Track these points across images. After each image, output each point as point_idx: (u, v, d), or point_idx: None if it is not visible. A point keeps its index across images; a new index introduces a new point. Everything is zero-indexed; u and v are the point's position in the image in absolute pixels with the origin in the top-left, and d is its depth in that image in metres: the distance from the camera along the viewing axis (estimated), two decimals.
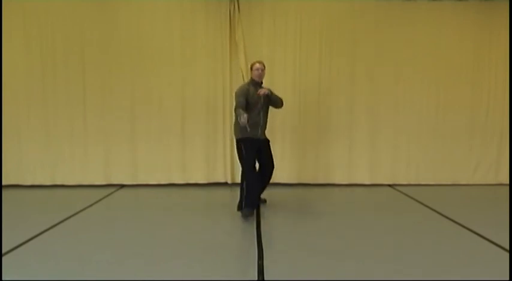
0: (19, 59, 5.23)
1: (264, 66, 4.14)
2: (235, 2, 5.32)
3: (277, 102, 4.26)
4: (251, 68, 4.15)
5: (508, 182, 5.66)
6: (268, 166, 4.26)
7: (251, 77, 4.14)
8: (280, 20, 5.41)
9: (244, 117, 3.70)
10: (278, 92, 5.27)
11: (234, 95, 4.11)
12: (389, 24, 5.48)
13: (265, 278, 2.55)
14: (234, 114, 4.11)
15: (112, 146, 5.41)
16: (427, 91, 5.60)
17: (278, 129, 5.43)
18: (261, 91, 3.93)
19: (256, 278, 2.55)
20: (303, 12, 5.41)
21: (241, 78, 5.30)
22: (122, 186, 5.48)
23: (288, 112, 5.47)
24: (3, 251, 2.99)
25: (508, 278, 2.57)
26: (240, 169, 4.10)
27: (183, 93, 5.42)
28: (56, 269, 2.70)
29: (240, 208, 4.00)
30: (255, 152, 4.05)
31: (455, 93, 5.62)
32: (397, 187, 5.52)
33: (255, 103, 4.02)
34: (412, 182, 5.65)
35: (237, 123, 4.03)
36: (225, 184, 5.53)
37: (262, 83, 4.17)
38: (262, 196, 4.46)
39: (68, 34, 5.26)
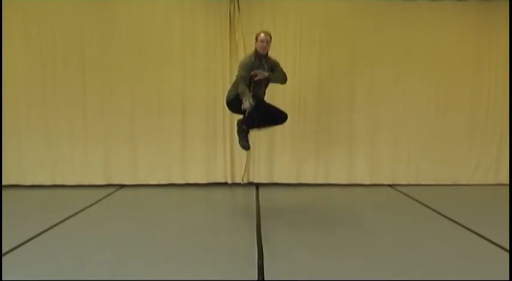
0: (19, 59, 5.23)
1: (270, 38, 3.91)
2: (235, 2, 5.32)
3: (280, 80, 4.10)
4: (256, 39, 3.91)
5: (508, 182, 5.65)
6: (279, 114, 4.06)
7: (255, 48, 3.93)
8: (280, 20, 5.40)
9: (248, 103, 3.56)
10: (278, 93, 5.31)
11: (238, 65, 3.96)
12: (389, 24, 5.48)
13: (265, 278, 2.55)
14: (234, 81, 3.99)
15: (112, 146, 5.40)
16: (427, 91, 5.60)
17: (278, 128, 5.40)
18: (257, 74, 3.73)
19: (256, 278, 2.55)
20: (303, 12, 5.40)
21: None
22: (122, 186, 5.47)
23: (288, 112, 5.43)
24: (3, 251, 2.99)
25: (508, 278, 2.57)
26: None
27: (183, 93, 5.41)
28: (56, 269, 2.70)
29: (242, 123, 3.86)
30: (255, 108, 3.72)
31: (455, 93, 5.61)
32: (397, 187, 5.51)
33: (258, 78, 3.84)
34: (412, 182, 5.64)
35: (233, 89, 3.93)
36: (225, 184, 5.53)
37: (267, 54, 3.97)
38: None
39: (68, 34, 5.25)
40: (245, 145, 3.93)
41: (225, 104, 4.12)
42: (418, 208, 4.48)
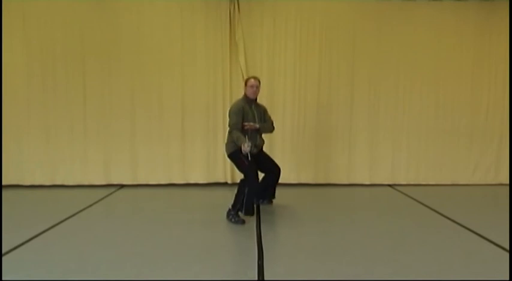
0: (19, 59, 5.23)
1: (259, 83, 3.98)
2: (235, 2, 5.32)
3: (269, 131, 4.16)
4: (245, 84, 3.97)
5: (508, 182, 5.66)
6: (273, 169, 4.21)
7: (245, 93, 3.97)
8: (280, 20, 5.41)
9: (247, 146, 3.61)
10: (278, 93, 5.33)
11: (228, 113, 3.92)
12: (390, 24, 5.48)
13: (265, 278, 2.55)
14: (227, 133, 3.95)
15: (112, 146, 5.41)
16: (427, 91, 5.61)
17: (278, 129, 5.40)
18: (244, 149, 3.68)
19: (256, 278, 2.55)
20: (303, 12, 5.41)
21: (241, 78, 5.30)
22: (122, 186, 5.48)
23: (288, 112, 5.49)
24: (3, 251, 2.99)
25: (508, 278, 2.58)
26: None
27: (183, 93, 5.42)
28: (56, 269, 2.70)
29: (232, 210, 3.84)
30: (255, 159, 3.87)
31: (455, 93, 5.63)
32: (397, 187, 5.52)
33: (250, 120, 3.88)
34: (412, 182, 5.65)
35: (230, 141, 3.89)
36: (225, 184, 5.53)
37: (256, 99, 4.04)
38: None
39: (68, 34, 5.25)
40: (240, 221, 3.82)
41: (227, 158, 4.06)
42: (418, 208, 4.48)
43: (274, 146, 5.45)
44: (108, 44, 5.30)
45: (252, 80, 3.94)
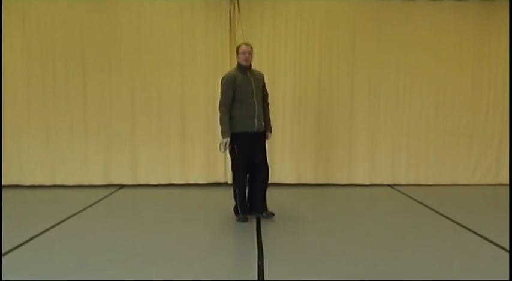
0: (19, 59, 5.22)
1: (252, 49, 3.79)
2: (235, 2, 5.32)
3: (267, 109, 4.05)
4: (237, 51, 3.76)
5: (508, 182, 5.65)
6: (261, 168, 3.87)
7: (237, 62, 3.79)
8: (280, 20, 5.40)
9: (223, 147, 3.66)
10: (278, 92, 5.32)
11: (219, 82, 3.84)
12: (390, 24, 5.48)
13: (265, 278, 2.55)
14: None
15: (112, 146, 5.40)
16: (427, 91, 5.60)
17: (278, 129, 5.40)
18: (220, 149, 3.76)
19: (256, 278, 2.55)
20: (303, 12, 5.40)
21: None
22: (122, 186, 5.47)
23: (288, 112, 5.48)
24: (3, 251, 2.99)
25: (508, 278, 2.58)
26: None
27: (183, 93, 5.41)
28: (56, 269, 2.70)
29: (236, 211, 3.92)
30: (248, 152, 3.76)
31: (455, 93, 5.62)
32: (397, 187, 5.51)
33: (246, 91, 3.70)
34: (412, 182, 5.65)
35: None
36: (225, 184, 5.53)
37: (250, 66, 3.82)
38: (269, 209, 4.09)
39: (68, 34, 5.25)
40: (242, 219, 3.85)
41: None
42: (418, 208, 4.48)
43: (274, 146, 5.45)
44: (108, 44, 5.29)
45: (244, 46, 3.75)
